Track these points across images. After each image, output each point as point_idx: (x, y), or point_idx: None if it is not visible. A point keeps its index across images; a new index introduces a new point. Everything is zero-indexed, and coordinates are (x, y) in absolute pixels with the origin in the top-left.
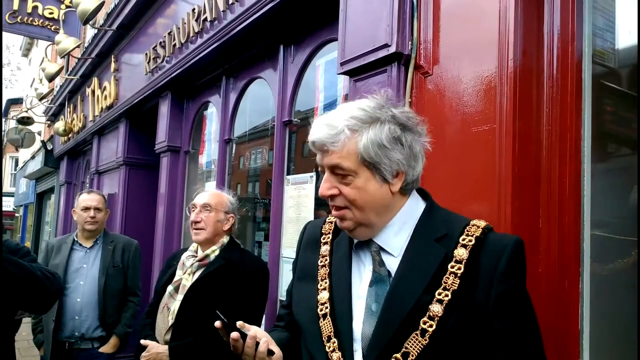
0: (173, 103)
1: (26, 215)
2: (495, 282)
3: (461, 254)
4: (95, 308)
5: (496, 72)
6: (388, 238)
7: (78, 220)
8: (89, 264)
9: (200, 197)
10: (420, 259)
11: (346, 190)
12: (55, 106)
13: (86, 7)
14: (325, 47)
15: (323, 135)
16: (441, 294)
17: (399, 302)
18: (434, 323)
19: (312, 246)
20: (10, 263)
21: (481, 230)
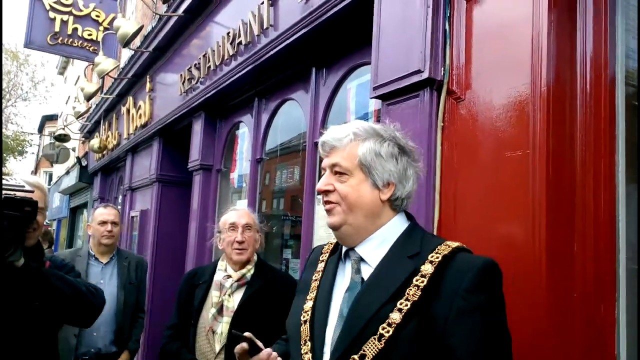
0: (206, 122)
1: (59, 229)
2: (458, 297)
3: (427, 269)
4: (112, 324)
5: (529, 97)
6: (369, 249)
7: (94, 235)
8: (105, 279)
9: (240, 216)
10: (391, 271)
11: (340, 186)
12: (91, 124)
13: (126, 30)
14: (356, 70)
15: (332, 136)
16: (402, 304)
17: (363, 308)
18: (391, 329)
19: (313, 265)
20: (57, 278)
21: (450, 249)
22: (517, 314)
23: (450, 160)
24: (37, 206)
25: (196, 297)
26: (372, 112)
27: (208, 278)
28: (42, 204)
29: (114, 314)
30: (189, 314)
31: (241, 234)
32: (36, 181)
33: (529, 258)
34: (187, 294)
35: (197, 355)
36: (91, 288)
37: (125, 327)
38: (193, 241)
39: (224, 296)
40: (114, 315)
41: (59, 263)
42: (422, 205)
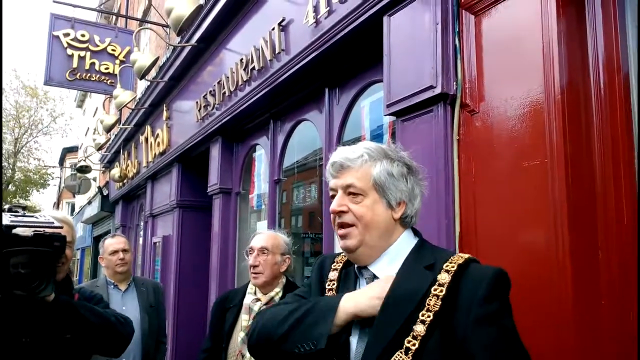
0: (223, 147)
1: (83, 258)
2: (475, 306)
3: (444, 278)
4: (138, 349)
5: (543, 106)
6: (382, 266)
7: (108, 265)
8: (127, 305)
9: (257, 240)
10: (410, 283)
11: (355, 207)
12: (111, 154)
13: (143, 63)
14: (369, 88)
15: (344, 156)
16: (424, 315)
17: (388, 323)
18: (417, 342)
19: (324, 273)
20: (86, 310)
21: (464, 260)
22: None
23: (468, 172)
24: (66, 241)
25: (227, 321)
26: (387, 128)
27: (239, 301)
28: (70, 238)
29: (140, 339)
30: (220, 337)
31: (254, 257)
32: (63, 216)
33: (553, 267)
34: (219, 317)
35: None
36: (120, 318)
37: (151, 352)
38: (215, 264)
39: (252, 320)
40: (140, 341)
41: (87, 295)
42: (442, 218)
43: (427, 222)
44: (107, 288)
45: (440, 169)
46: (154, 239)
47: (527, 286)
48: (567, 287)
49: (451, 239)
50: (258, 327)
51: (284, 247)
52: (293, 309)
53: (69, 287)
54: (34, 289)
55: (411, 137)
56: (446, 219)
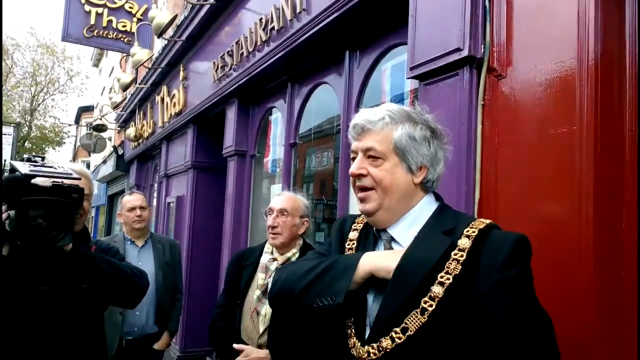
0: (239, 109)
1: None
2: (495, 271)
3: (464, 243)
4: (152, 303)
5: (575, 73)
6: (400, 230)
7: (126, 222)
8: (143, 261)
9: (277, 201)
10: (428, 246)
11: (375, 171)
12: (127, 113)
13: (161, 20)
14: (391, 51)
15: (365, 118)
16: (443, 277)
17: (404, 281)
18: (434, 303)
19: (345, 233)
20: (103, 262)
21: (485, 225)
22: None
23: (492, 138)
24: (84, 193)
25: (243, 278)
26: (408, 92)
27: (255, 260)
28: (88, 191)
29: (154, 294)
30: (235, 294)
31: (274, 218)
32: (81, 169)
33: (574, 237)
34: (235, 274)
35: (242, 335)
36: (135, 270)
37: (165, 307)
38: (229, 225)
39: (269, 278)
40: (155, 296)
41: (104, 247)
42: (462, 184)
43: (447, 187)
44: (124, 244)
45: (463, 134)
46: (168, 199)
47: (548, 256)
48: (589, 258)
49: (470, 205)
50: (280, 281)
51: (303, 210)
52: (314, 265)
53: (86, 239)
54: (52, 238)
55: (434, 101)
56: (466, 184)
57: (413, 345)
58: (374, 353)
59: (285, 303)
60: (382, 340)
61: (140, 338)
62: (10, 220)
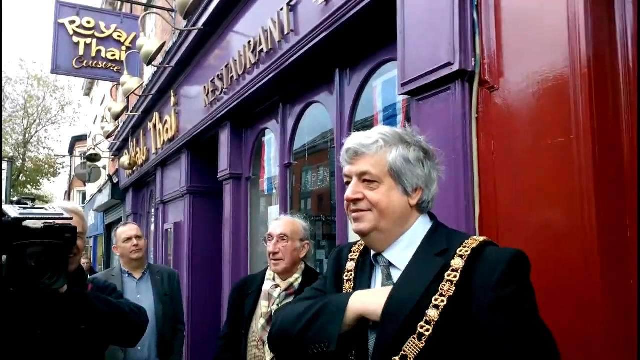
0: (232, 132)
1: (96, 246)
2: (489, 290)
3: (457, 263)
4: (154, 336)
5: (569, 80)
6: (397, 253)
7: (123, 254)
8: (142, 294)
9: (276, 227)
10: (420, 270)
11: (371, 194)
12: (120, 142)
13: (149, 49)
14: (381, 67)
15: (359, 141)
16: (437, 300)
17: (398, 309)
18: (430, 327)
19: (338, 262)
20: (100, 301)
21: (478, 243)
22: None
23: (488, 152)
24: (77, 232)
25: (246, 307)
26: (400, 108)
27: (257, 288)
28: (81, 229)
29: (155, 326)
30: (239, 324)
31: (274, 244)
32: (73, 207)
33: (579, 247)
34: (237, 304)
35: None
36: (134, 308)
37: (167, 339)
38: (228, 249)
39: (272, 306)
40: (155, 328)
41: (101, 285)
42: (461, 200)
43: (446, 204)
44: (121, 277)
45: (459, 149)
46: (165, 226)
47: (552, 268)
48: (595, 268)
49: (470, 221)
50: (277, 325)
51: (303, 233)
52: (306, 307)
53: (82, 278)
54: (45, 281)
55: (427, 117)
56: (465, 200)
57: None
58: None
59: (284, 347)
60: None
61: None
62: (2, 265)
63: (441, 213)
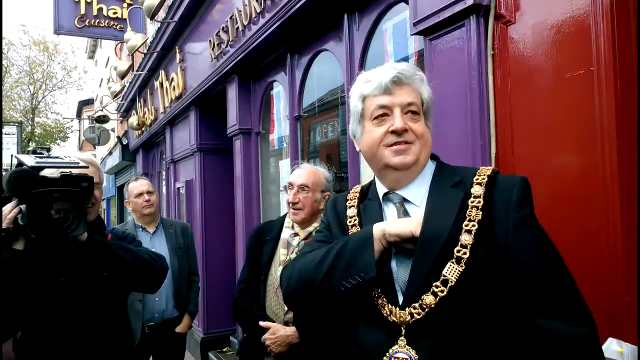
0: (240, 86)
1: (109, 208)
2: (511, 212)
3: (477, 190)
4: (170, 288)
5: (589, 10)
6: (412, 189)
7: (135, 208)
8: (156, 247)
9: (298, 176)
10: (442, 200)
11: (415, 125)
12: (127, 102)
13: (151, 2)
14: (391, 9)
15: (403, 69)
16: (468, 225)
17: (434, 234)
18: (467, 250)
19: (339, 212)
20: (120, 249)
21: (490, 171)
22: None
23: (504, 89)
24: (94, 181)
25: (264, 254)
26: (413, 53)
27: (275, 235)
28: (97, 179)
29: (171, 279)
30: (257, 270)
31: (294, 194)
32: (89, 157)
33: (598, 186)
34: (255, 250)
35: (268, 312)
36: (153, 255)
37: (183, 291)
38: (240, 205)
39: (291, 254)
40: (172, 280)
41: (120, 234)
42: (477, 139)
43: (462, 144)
44: (135, 231)
45: (474, 88)
46: (177, 185)
47: (571, 208)
48: (615, 208)
49: (487, 160)
50: (294, 277)
51: (324, 184)
52: (325, 252)
53: (101, 227)
54: (65, 229)
55: (441, 56)
56: (481, 140)
57: (456, 296)
58: (417, 313)
59: (306, 297)
60: (424, 298)
61: (162, 323)
62: (22, 214)
63: (458, 153)
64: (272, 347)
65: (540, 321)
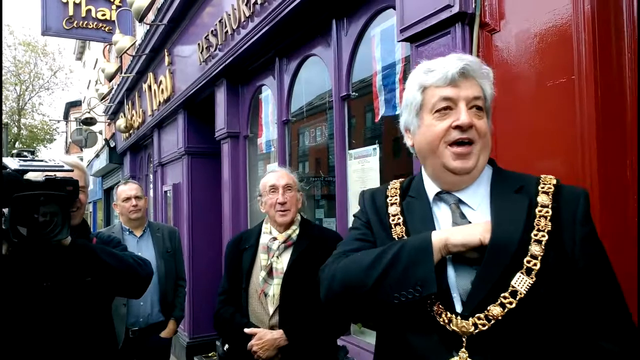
0: (229, 89)
1: (95, 211)
2: (578, 225)
3: (544, 200)
4: (156, 292)
5: (571, 20)
6: (469, 192)
7: (122, 212)
8: (142, 251)
9: (279, 177)
10: (508, 207)
11: (479, 123)
12: (115, 104)
13: (140, 4)
14: (379, 16)
15: (471, 60)
16: (537, 235)
17: (505, 243)
18: (537, 262)
19: (378, 207)
20: (104, 253)
21: (555, 180)
22: None
23: None
24: (79, 185)
25: (244, 262)
26: (400, 59)
27: (254, 242)
28: (83, 183)
29: (157, 283)
30: (238, 278)
31: (282, 195)
32: (74, 161)
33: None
34: (235, 259)
35: (252, 319)
36: (138, 259)
37: (169, 296)
38: (227, 209)
39: (272, 258)
40: (157, 284)
41: (105, 238)
42: None
43: None
44: (122, 234)
45: None
46: (164, 188)
47: None
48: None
49: None
50: (337, 278)
51: (299, 184)
52: (377, 255)
53: (86, 231)
54: (48, 233)
55: None
56: None
57: (525, 309)
58: (482, 324)
59: (351, 302)
60: (491, 309)
61: (147, 327)
62: (5, 218)
63: None
64: (259, 353)
65: (603, 343)
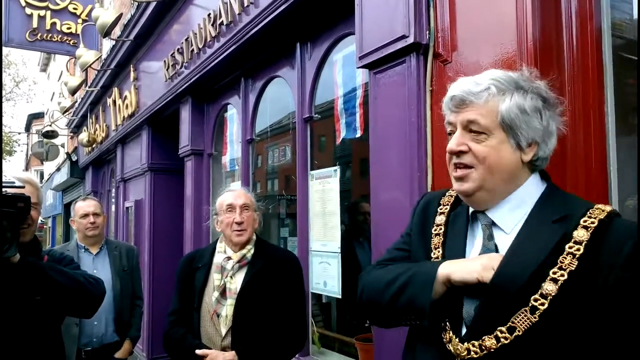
0: (194, 107)
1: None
2: (617, 269)
3: (581, 235)
4: (111, 312)
5: (516, 54)
6: (502, 213)
7: (79, 229)
8: (98, 269)
9: (237, 197)
10: (536, 237)
11: (477, 147)
12: (78, 118)
13: (105, 20)
14: (341, 42)
15: (467, 88)
16: (556, 273)
17: (511, 278)
18: (546, 302)
19: (426, 214)
20: (54, 271)
21: (606, 214)
22: None
23: (441, 124)
24: (30, 201)
25: (197, 281)
26: (360, 85)
27: (208, 261)
28: (35, 199)
29: (112, 302)
30: (190, 298)
31: (239, 214)
32: (27, 177)
33: None
34: (187, 278)
35: (203, 340)
36: (90, 279)
37: (125, 315)
38: (189, 227)
39: (226, 278)
40: (113, 304)
41: (57, 256)
42: (415, 171)
43: (402, 174)
44: (78, 251)
45: (413, 121)
46: (126, 204)
47: None
48: None
49: (423, 192)
50: (366, 289)
51: (256, 204)
52: (395, 275)
53: (37, 249)
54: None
55: (384, 90)
56: (419, 171)
57: (520, 347)
58: (475, 352)
59: (375, 313)
60: (485, 339)
61: (100, 348)
62: None
63: (398, 182)
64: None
65: None
